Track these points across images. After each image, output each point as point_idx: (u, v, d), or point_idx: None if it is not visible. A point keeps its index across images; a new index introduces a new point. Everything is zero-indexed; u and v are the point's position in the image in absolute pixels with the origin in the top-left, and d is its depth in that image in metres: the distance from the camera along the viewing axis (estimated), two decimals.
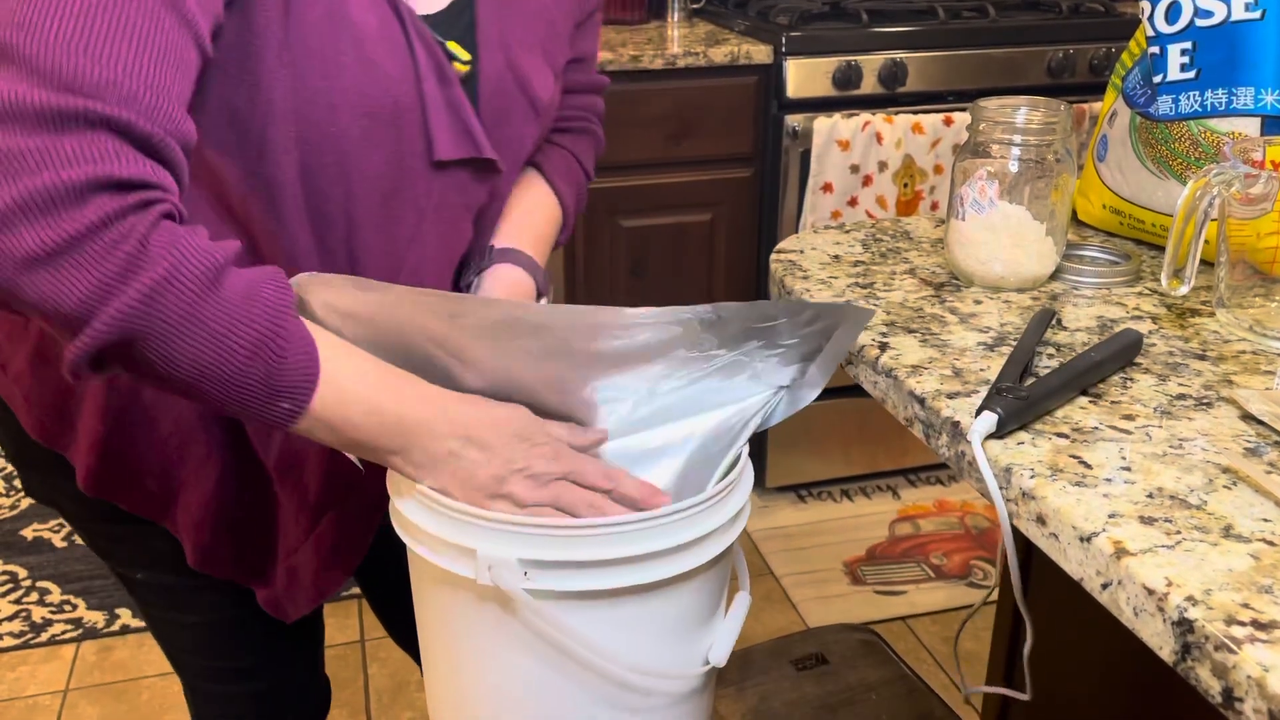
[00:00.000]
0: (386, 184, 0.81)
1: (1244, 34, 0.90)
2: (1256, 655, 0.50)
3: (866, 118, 2.13)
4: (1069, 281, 0.94)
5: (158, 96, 0.65)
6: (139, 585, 0.99)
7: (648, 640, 0.76)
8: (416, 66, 0.79)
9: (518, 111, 0.89)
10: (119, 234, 0.61)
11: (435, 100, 0.80)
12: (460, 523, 0.71)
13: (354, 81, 0.76)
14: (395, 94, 0.78)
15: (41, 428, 0.88)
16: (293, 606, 0.96)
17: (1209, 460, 0.66)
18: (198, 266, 0.63)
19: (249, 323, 0.65)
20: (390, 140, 0.79)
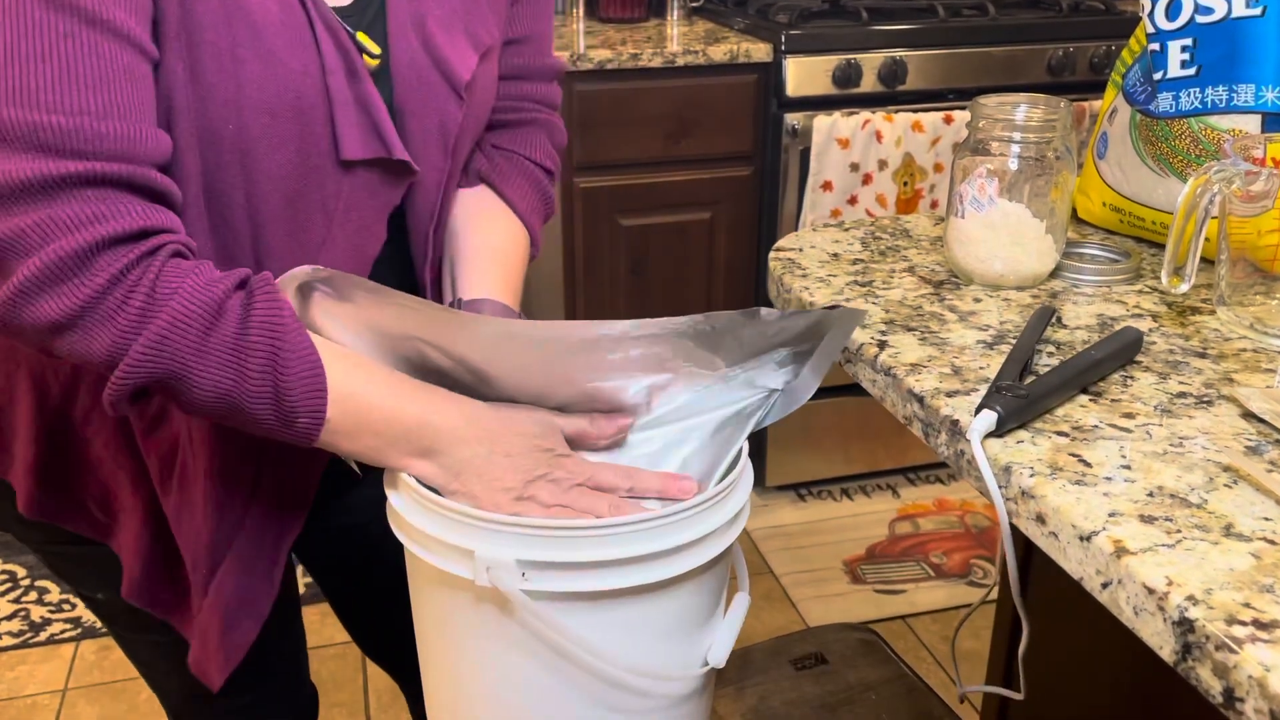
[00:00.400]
0: (292, 185, 0.77)
1: (1244, 30, 0.90)
2: (1258, 655, 0.49)
3: (866, 116, 2.12)
4: (1069, 279, 0.94)
5: (128, 127, 0.66)
6: (102, 605, 0.97)
7: (646, 641, 0.75)
8: (322, 60, 0.75)
9: (437, 94, 0.83)
10: (128, 288, 0.66)
11: (342, 96, 0.76)
12: (458, 523, 0.71)
13: (252, 75, 0.72)
14: (298, 89, 0.74)
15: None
16: (210, 668, 0.90)
17: (1209, 459, 0.66)
18: (199, 306, 0.67)
19: (251, 350, 0.68)
20: (294, 138, 0.75)
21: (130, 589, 0.90)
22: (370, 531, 0.99)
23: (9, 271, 0.65)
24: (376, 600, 1.09)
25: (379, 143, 0.78)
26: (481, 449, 0.74)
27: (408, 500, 0.75)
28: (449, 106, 0.84)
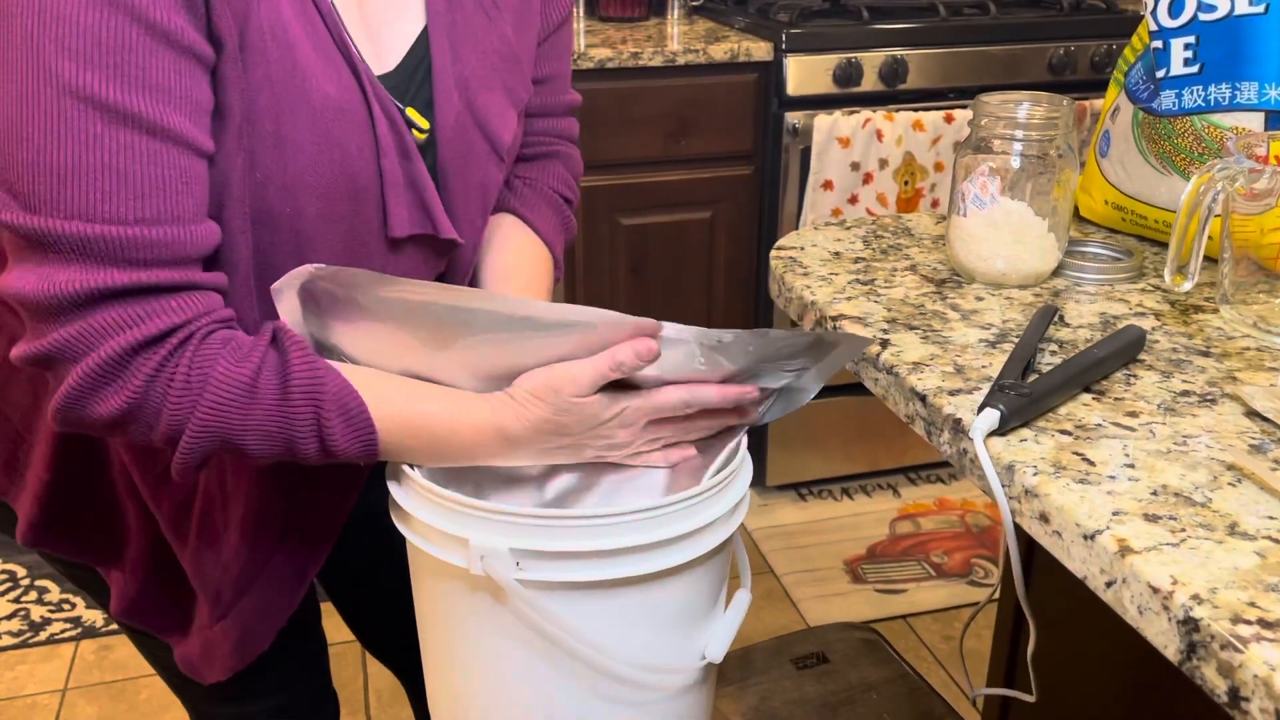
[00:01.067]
0: (341, 261, 0.78)
1: (1247, 28, 0.90)
2: (1263, 654, 0.49)
3: (867, 115, 2.12)
4: (1071, 278, 0.94)
5: (180, 231, 0.68)
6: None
7: (642, 633, 0.75)
8: (377, 141, 0.76)
9: (479, 157, 0.85)
10: (166, 381, 0.69)
11: (394, 177, 0.78)
12: (453, 512, 0.71)
13: (311, 161, 0.74)
14: (353, 172, 0.76)
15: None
16: (210, 670, 0.93)
17: (1213, 457, 0.66)
18: (234, 387, 0.70)
19: (294, 419, 0.71)
20: (347, 217, 0.77)
21: (126, 609, 0.91)
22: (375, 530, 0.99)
23: (62, 376, 0.69)
24: (380, 599, 1.09)
25: (427, 221, 0.81)
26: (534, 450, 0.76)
27: (406, 490, 0.75)
28: (490, 168, 0.87)
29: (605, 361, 0.72)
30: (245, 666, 0.92)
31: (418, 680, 0.98)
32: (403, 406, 0.74)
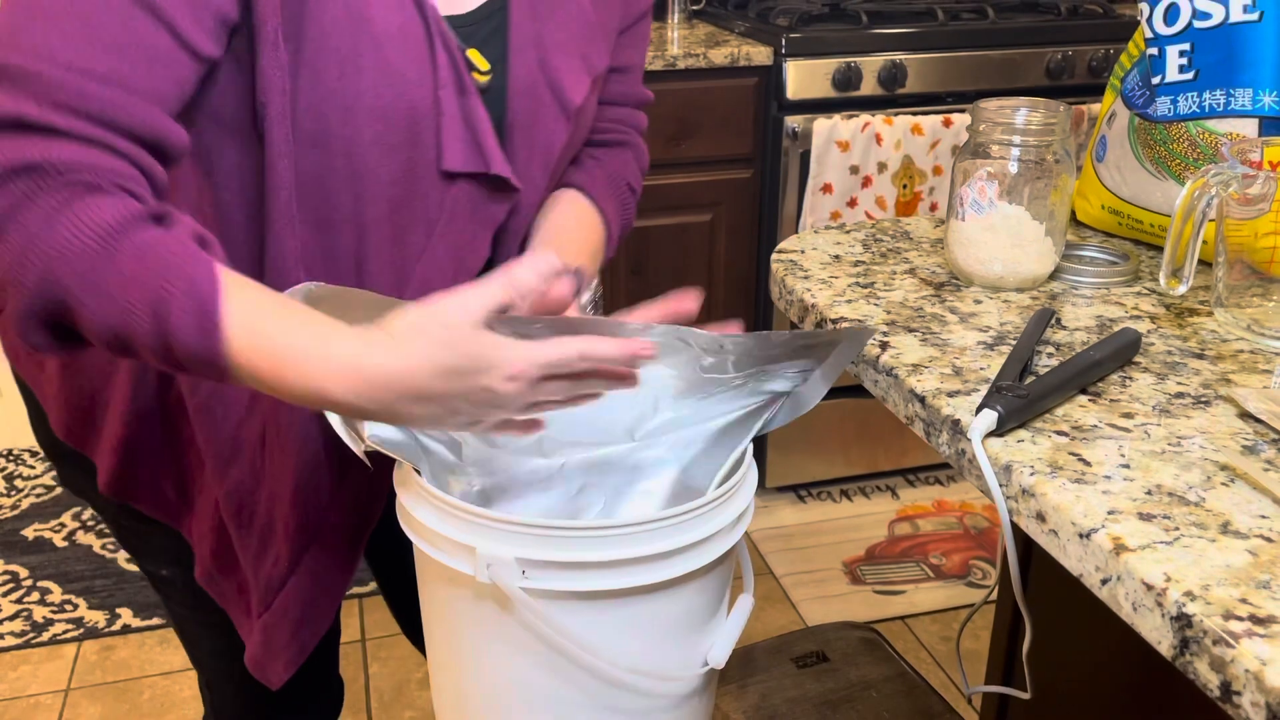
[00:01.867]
0: (396, 192, 0.79)
1: (1242, 35, 0.91)
2: (1254, 649, 0.50)
3: (866, 119, 2.13)
4: (1068, 281, 0.95)
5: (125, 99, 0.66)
6: (164, 582, 0.99)
7: (646, 641, 0.76)
8: (436, 72, 0.77)
9: (547, 113, 0.85)
10: (30, 199, 0.63)
11: (450, 109, 0.78)
12: (461, 520, 0.71)
13: (371, 84, 0.74)
14: (412, 99, 0.76)
15: (67, 429, 0.89)
16: (272, 669, 0.92)
17: (1207, 458, 0.67)
18: (91, 228, 0.63)
19: (138, 282, 0.63)
20: (403, 146, 0.77)
21: (201, 573, 0.92)
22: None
23: None
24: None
25: (479, 157, 0.80)
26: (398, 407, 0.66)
27: (414, 495, 0.76)
28: (557, 127, 0.86)
29: (499, 282, 0.65)
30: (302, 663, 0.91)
31: None
32: (262, 320, 0.65)
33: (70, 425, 0.89)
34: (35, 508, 2.43)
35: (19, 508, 2.44)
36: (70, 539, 2.32)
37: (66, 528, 2.35)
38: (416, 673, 1.95)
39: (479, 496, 0.87)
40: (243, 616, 0.93)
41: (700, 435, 0.85)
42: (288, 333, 0.65)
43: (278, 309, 0.66)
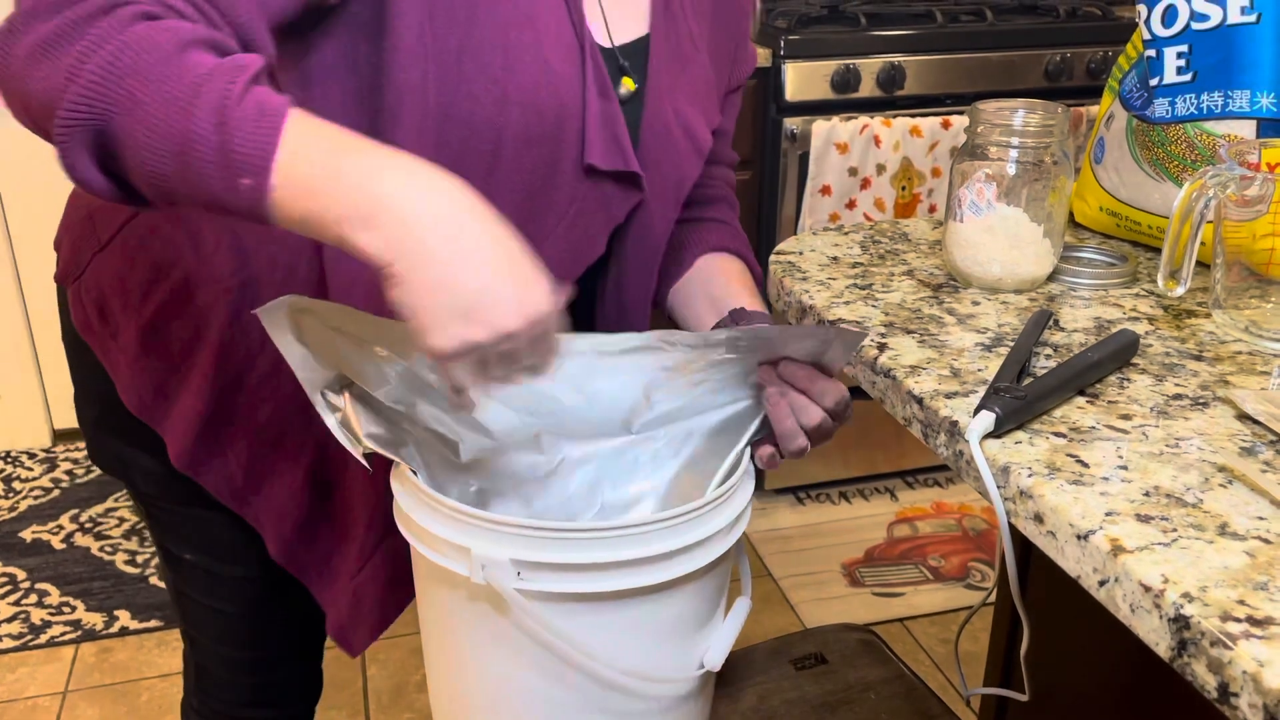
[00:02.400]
0: (535, 181, 0.83)
1: (1240, 37, 0.91)
2: (1252, 651, 0.50)
3: (865, 121, 2.13)
4: (1066, 283, 0.95)
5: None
6: (184, 564, 1.00)
7: (642, 644, 0.76)
8: (584, 75, 0.82)
9: (677, 143, 0.91)
10: (99, 16, 0.61)
11: (595, 109, 0.83)
12: (456, 521, 0.71)
13: (530, 80, 0.79)
14: (563, 95, 0.81)
15: (140, 400, 0.90)
16: (357, 636, 0.96)
17: (1205, 459, 0.67)
18: (162, 36, 0.61)
19: (209, 85, 0.60)
20: (548, 141, 0.81)
21: (281, 551, 0.93)
22: None
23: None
24: None
25: (620, 156, 0.85)
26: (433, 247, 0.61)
27: (409, 495, 0.76)
28: (687, 162, 0.93)
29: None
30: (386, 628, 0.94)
31: None
32: (326, 127, 0.63)
33: (144, 397, 0.89)
34: (33, 510, 2.43)
35: (17, 509, 2.44)
36: (68, 541, 2.31)
37: (64, 530, 2.35)
38: (415, 675, 1.95)
39: (477, 496, 0.87)
40: (327, 585, 0.96)
41: (697, 429, 0.85)
42: (347, 135, 0.63)
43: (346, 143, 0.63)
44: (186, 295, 0.86)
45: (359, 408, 0.78)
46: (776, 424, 0.78)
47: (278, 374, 0.87)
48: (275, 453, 0.90)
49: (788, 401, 0.78)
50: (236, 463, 0.91)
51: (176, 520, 0.98)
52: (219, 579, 0.99)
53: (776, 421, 0.78)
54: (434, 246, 0.60)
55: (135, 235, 0.86)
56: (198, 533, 0.97)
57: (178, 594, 1.04)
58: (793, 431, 0.78)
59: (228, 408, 0.88)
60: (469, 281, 0.61)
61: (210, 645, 1.05)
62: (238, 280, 0.85)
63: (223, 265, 0.85)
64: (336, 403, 0.78)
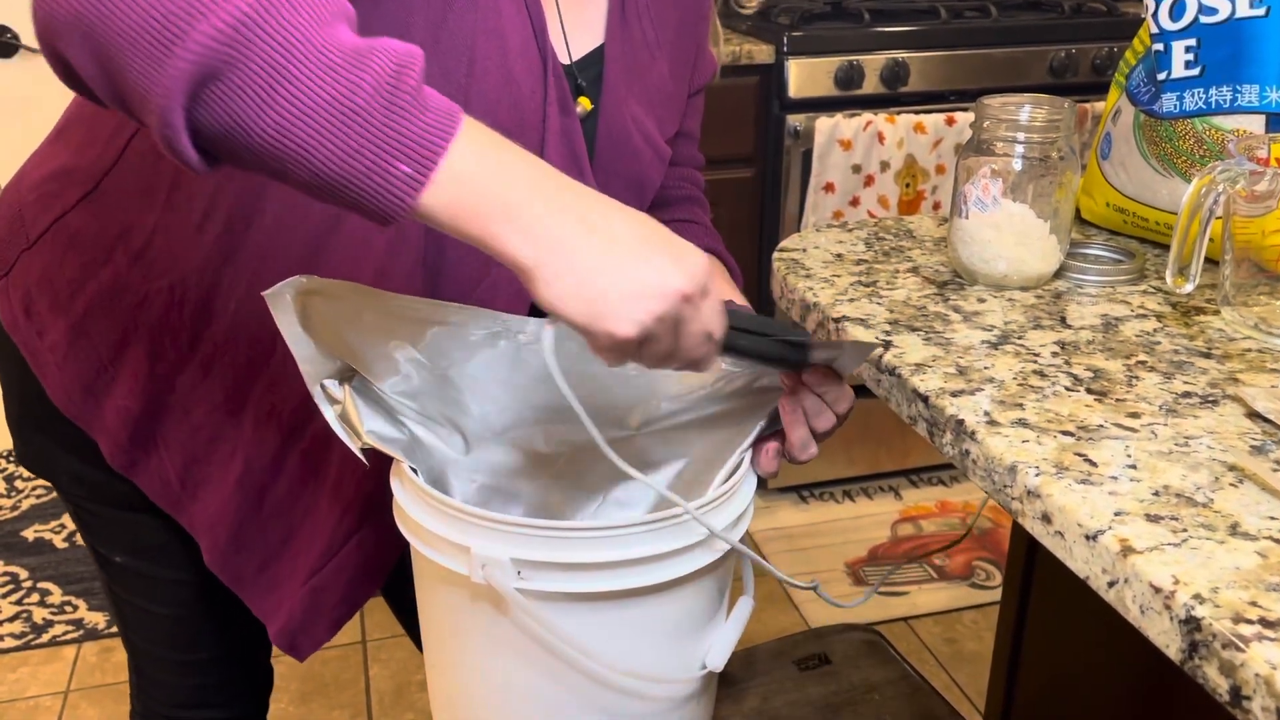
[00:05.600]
0: None
1: (1249, 31, 0.90)
2: (1264, 653, 0.49)
3: (868, 117, 2.13)
4: (1073, 280, 0.94)
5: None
6: (115, 567, 1.00)
7: (643, 644, 0.75)
8: (546, 91, 0.82)
9: (637, 151, 0.91)
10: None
11: (555, 126, 0.83)
12: (456, 519, 0.71)
13: (493, 89, 0.79)
14: (523, 110, 0.81)
15: (68, 400, 0.89)
16: (306, 638, 0.95)
17: (1215, 458, 0.66)
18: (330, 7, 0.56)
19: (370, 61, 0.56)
20: None
21: (215, 559, 0.92)
22: None
23: None
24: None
25: (576, 172, 0.85)
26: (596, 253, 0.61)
27: (409, 493, 0.75)
28: (649, 169, 0.93)
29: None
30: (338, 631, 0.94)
31: None
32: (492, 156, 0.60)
33: (73, 396, 0.88)
34: (35, 509, 2.43)
35: (19, 509, 2.43)
36: (70, 540, 2.31)
37: (66, 529, 2.35)
38: (417, 674, 1.94)
39: (479, 492, 0.86)
40: (266, 593, 0.94)
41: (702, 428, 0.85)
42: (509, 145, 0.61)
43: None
44: (116, 294, 0.85)
45: (359, 401, 0.77)
46: (790, 430, 0.78)
47: (209, 376, 0.86)
48: (210, 457, 0.89)
49: (803, 408, 0.77)
50: (171, 466, 0.89)
51: (105, 523, 0.97)
52: (152, 581, 0.98)
53: (790, 428, 0.78)
54: (580, 238, 0.60)
55: (65, 234, 0.85)
56: (127, 535, 0.97)
57: (112, 596, 1.03)
58: (806, 440, 0.78)
59: (160, 408, 0.87)
60: (627, 260, 0.60)
61: (147, 647, 1.04)
62: (167, 280, 0.84)
63: (153, 265, 0.84)
64: (336, 395, 0.77)
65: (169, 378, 0.86)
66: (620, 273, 0.60)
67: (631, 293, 0.60)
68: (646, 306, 0.60)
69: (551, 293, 0.60)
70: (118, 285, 0.85)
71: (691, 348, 0.64)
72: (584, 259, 0.60)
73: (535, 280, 0.60)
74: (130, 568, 0.99)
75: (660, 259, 0.61)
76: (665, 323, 0.61)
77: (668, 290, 0.60)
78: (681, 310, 0.62)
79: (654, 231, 0.63)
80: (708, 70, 1.02)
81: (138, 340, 0.86)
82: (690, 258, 0.62)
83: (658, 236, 0.63)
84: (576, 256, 0.60)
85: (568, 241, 0.59)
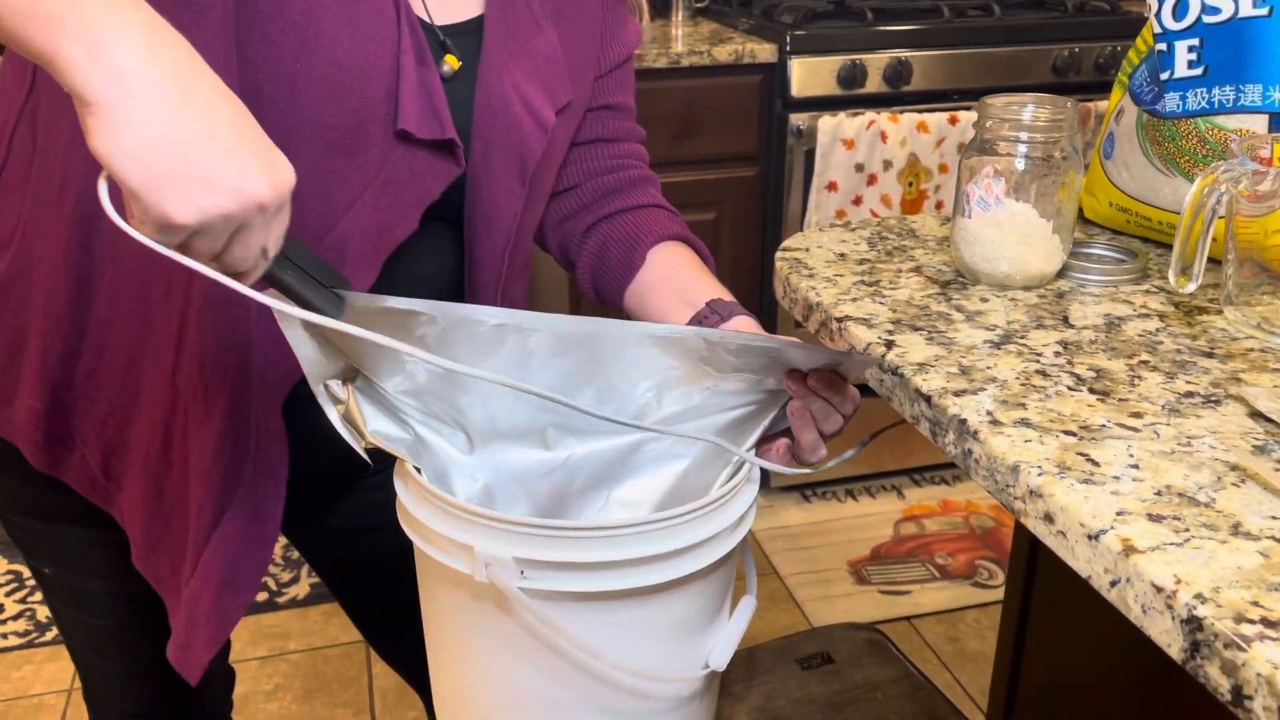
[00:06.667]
0: (338, 137, 0.78)
1: (1252, 30, 0.90)
2: (1266, 653, 0.49)
3: (871, 116, 2.12)
4: (1075, 279, 0.94)
5: None
6: (47, 579, 0.99)
7: (646, 643, 0.75)
8: (399, 39, 0.78)
9: (518, 119, 0.87)
10: None
11: (409, 75, 0.79)
12: (459, 519, 0.71)
13: (333, 30, 0.75)
14: (369, 53, 0.77)
15: None
16: (190, 657, 0.86)
17: (1217, 458, 0.66)
18: None
19: None
20: (352, 95, 0.77)
21: (137, 556, 0.89)
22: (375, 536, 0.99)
23: None
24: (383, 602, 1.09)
25: (436, 124, 0.81)
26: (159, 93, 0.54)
27: (412, 492, 0.75)
28: (530, 138, 0.88)
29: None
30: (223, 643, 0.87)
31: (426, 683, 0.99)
32: None
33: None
34: None
35: None
36: None
37: None
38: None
39: (483, 492, 0.86)
40: (174, 597, 0.89)
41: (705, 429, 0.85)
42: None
43: None
44: (3, 295, 0.83)
45: (362, 400, 0.77)
46: (800, 434, 0.78)
47: (102, 364, 0.83)
48: (123, 449, 0.87)
49: (811, 412, 0.78)
50: (92, 459, 0.87)
51: (30, 534, 0.96)
52: (81, 593, 0.97)
53: (800, 431, 0.78)
54: (170, 98, 0.53)
55: None
56: (52, 547, 0.95)
57: (51, 606, 1.02)
58: (815, 443, 0.79)
59: (64, 404, 0.85)
60: (214, 143, 0.55)
61: (87, 657, 1.03)
62: (44, 267, 0.81)
63: (29, 253, 0.82)
64: (340, 395, 0.77)
65: (65, 370, 0.84)
66: (202, 154, 0.54)
67: (205, 178, 0.55)
68: (216, 201, 0.55)
69: (111, 143, 0.53)
70: (3, 284, 0.83)
71: (242, 258, 0.60)
72: (163, 118, 0.53)
73: (95, 118, 0.53)
74: (59, 579, 0.97)
75: (250, 158, 0.56)
76: (228, 223, 0.57)
77: (246, 192, 0.56)
78: (252, 219, 0.57)
79: (252, 126, 0.58)
80: (629, 40, 1.00)
81: (30, 337, 0.84)
82: (281, 171, 0.58)
83: (255, 133, 0.58)
84: (154, 111, 0.53)
85: (149, 90, 0.53)
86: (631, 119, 1.04)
